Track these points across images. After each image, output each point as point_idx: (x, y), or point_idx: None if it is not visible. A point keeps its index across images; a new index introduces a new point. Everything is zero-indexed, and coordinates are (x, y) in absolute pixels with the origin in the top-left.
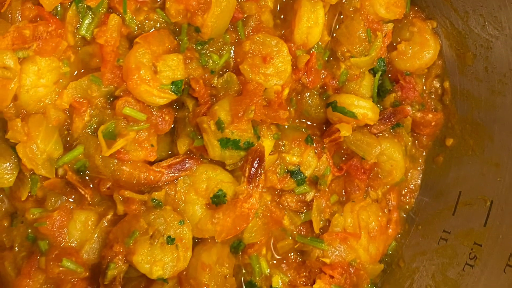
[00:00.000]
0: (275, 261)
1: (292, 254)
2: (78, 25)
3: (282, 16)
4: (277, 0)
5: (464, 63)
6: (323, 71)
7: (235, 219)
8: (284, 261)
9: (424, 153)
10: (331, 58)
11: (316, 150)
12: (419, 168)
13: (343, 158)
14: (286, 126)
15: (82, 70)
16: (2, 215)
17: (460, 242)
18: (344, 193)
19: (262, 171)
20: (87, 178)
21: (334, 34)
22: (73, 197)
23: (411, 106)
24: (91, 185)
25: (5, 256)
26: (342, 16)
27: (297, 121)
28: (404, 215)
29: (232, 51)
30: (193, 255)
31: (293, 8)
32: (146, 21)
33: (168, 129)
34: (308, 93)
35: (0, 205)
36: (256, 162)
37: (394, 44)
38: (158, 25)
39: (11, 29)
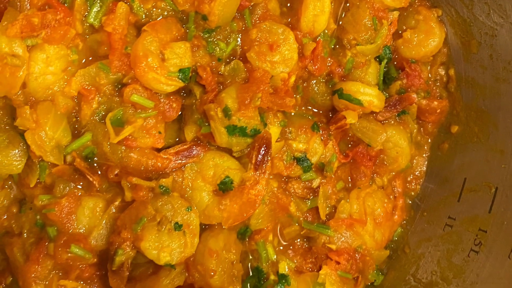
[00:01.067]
0: (281, 247)
1: (298, 240)
2: (86, 13)
3: (288, 4)
4: None
5: (469, 51)
6: (329, 59)
7: (242, 205)
8: (291, 247)
9: (429, 140)
10: (337, 46)
11: (322, 137)
12: (424, 155)
13: (349, 145)
14: (293, 113)
15: (90, 58)
16: (11, 201)
17: (465, 228)
18: (350, 180)
19: (269, 158)
20: (95, 165)
21: (340, 22)
22: (81, 183)
23: (417, 94)
24: (99, 172)
25: (14, 242)
26: (348, 4)
27: (303, 108)
28: (410, 202)
29: (239, 39)
30: (200, 241)
31: None
32: (154, 9)
33: (176, 116)
34: (315, 81)
35: (9, 191)
36: (262, 149)
37: (400, 32)
38: (165, 13)
39: (20, 17)
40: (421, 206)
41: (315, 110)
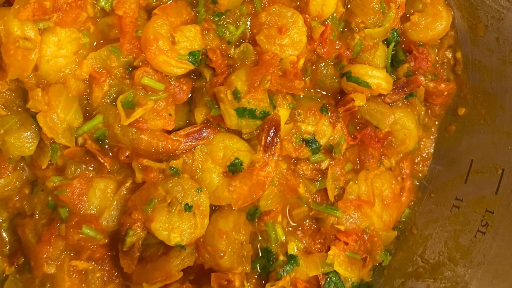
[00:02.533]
0: (290, 228)
1: (307, 221)
2: None
3: None
4: None
5: (476, 34)
6: (337, 42)
7: (252, 187)
8: (300, 228)
9: (436, 122)
10: (346, 29)
11: (331, 119)
12: (431, 137)
13: (357, 127)
14: (302, 96)
15: (102, 41)
16: (23, 183)
17: (472, 210)
18: (358, 162)
19: (278, 140)
20: (106, 146)
21: (349, 6)
22: (92, 165)
23: (424, 76)
24: (110, 154)
25: (26, 223)
26: None
27: (312, 91)
28: (417, 183)
29: (248, 22)
30: (210, 222)
31: None
32: None
33: (186, 98)
34: (323, 64)
35: (21, 173)
36: (272, 131)
37: (407, 15)
38: None
39: (32, 1)
40: (429, 187)
41: (324, 93)
